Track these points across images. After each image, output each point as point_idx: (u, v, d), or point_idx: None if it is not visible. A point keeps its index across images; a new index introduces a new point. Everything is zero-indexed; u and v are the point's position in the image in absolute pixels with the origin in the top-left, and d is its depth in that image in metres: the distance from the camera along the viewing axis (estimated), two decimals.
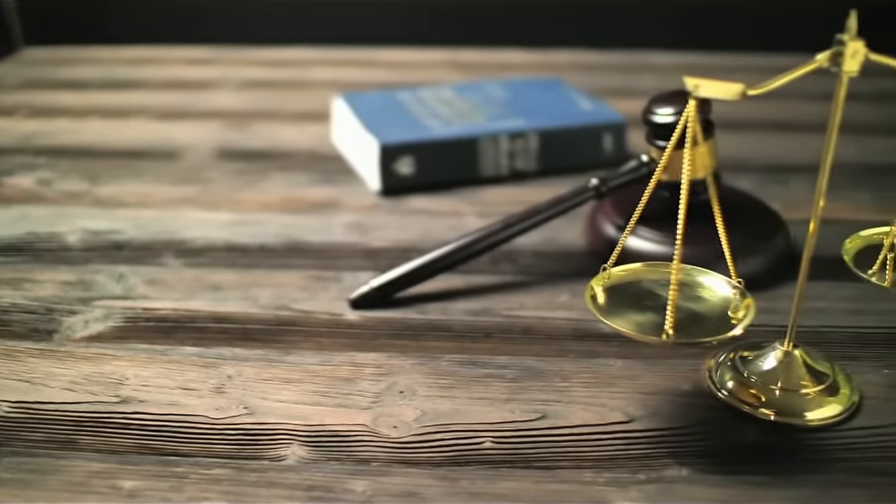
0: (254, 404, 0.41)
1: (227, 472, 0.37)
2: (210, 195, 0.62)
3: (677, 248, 0.37)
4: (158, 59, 0.95)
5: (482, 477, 0.37)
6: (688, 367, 0.44)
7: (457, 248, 0.50)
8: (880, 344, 0.46)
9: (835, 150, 0.39)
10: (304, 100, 0.81)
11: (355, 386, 0.43)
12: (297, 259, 0.54)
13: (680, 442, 0.39)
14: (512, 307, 0.49)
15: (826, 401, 0.42)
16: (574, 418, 0.41)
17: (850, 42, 0.36)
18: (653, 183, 0.39)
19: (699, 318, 0.39)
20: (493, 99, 0.70)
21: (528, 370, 0.44)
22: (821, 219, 0.41)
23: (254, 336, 0.46)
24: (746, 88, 0.37)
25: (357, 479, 0.37)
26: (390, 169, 0.61)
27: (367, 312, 0.48)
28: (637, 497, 0.36)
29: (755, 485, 0.37)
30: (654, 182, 0.39)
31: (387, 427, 0.40)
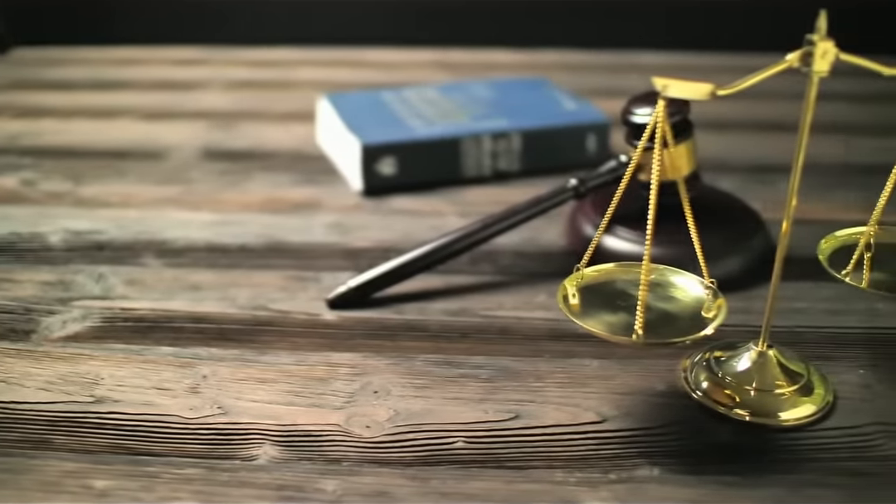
0: (227, 404, 0.41)
1: (198, 472, 0.37)
2: (193, 195, 0.62)
3: (647, 249, 0.37)
4: (147, 59, 0.94)
5: (453, 477, 0.37)
6: (663, 368, 0.44)
7: (435, 249, 0.50)
8: (857, 344, 0.46)
9: (806, 150, 0.39)
10: (291, 100, 0.81)
11: (329, 386, 0.43)
12: (276, 259, 0.54)
13: (652, 442, 0.39)
14: (490, 307, 0.49)
15: (800, 401, 0.42)
16: (547, 418, 0.41)
17: (820, 42, 0.36)
18: (624, 183, 0.39)
19: (671, 318, 0.39)
20: (477, 99, 0.70)
21: (503, 370, 0.44)
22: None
23: (230, 336, 0.46)
24: (716, 88, 0.37)
25: (328, 479, 0.37)
26: (372, 169, 0.61)
27: (344, 312, 0.48)
28: (607, 497, 0.36)
29: (726, 485, 0.37)
30: (625, 182, 0.39)
31: (359, 427, 0.40)
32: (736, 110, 0.80)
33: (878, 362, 0.45)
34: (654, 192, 0.37)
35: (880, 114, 0.81)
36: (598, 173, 0.53)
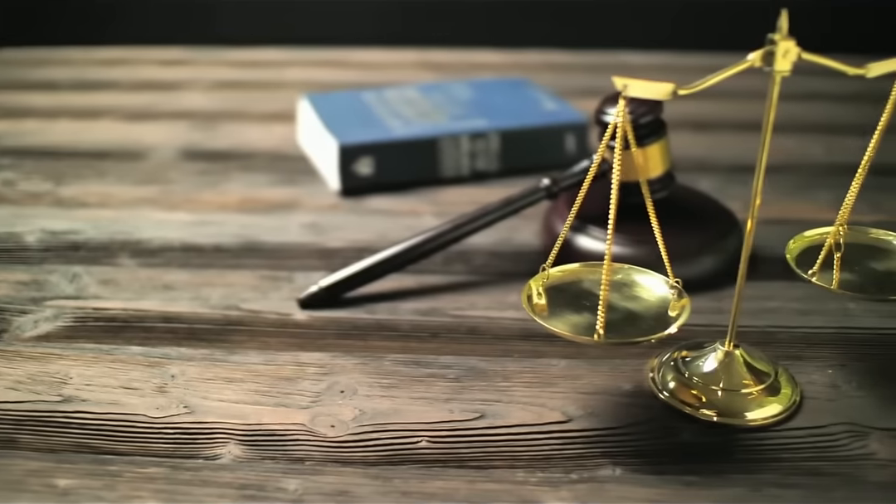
0: (194, 403, 0.41)
1: (161, 471, 0.37)
2: (170, 195, 0.62)
3: (608, 248, 0.37)
4: (132, 59, 0.95)
5: (415, 476, 0.37)
6: (631, 368, 0.44)
7: (406, 249, 0.50)
8: (827, 344, 0.46)
9: (769, 150, 0.39)
10: (274, 100, 0.81)
11: (296, 385, 0.43)
12: (251, 259, 0.54)
13: (616, 442, 0.39)
14: (461, 307, 0.49)
15: (767, 401, 0.42)
16: (512, 418, 0.41)
17: (782, 41, 0.36)
18: (586, 184, 0.39)
19: (635, 317, 0.39)
20: (456, 99, 0.70)
21: (471, 370, 0.44)
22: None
23: (201, 336, 0.46)
24: (678, 88, 0.37)
25: (290, 478, 0.37)
26: (350, 169, 0.61)
27: (316, 312, 0.49)
28: (567, 497, 0.36)
29: (686, 484, 0.37)
30: (587, 184, 0.38)
31: (324, 426, 0.40)
32: (718, 110, 0.81)
33: (847, 362, 0.45)
34: (614, 193, 0.36)
35: (864, 113, 0.81)
36: (570, 173, 0.53)
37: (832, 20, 1.04)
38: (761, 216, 0.62)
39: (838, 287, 0.41)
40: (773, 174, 0.67)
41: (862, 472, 0.38)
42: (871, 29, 1.01)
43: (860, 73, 0.39)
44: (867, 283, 0.41)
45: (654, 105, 0.52)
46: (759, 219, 0.61)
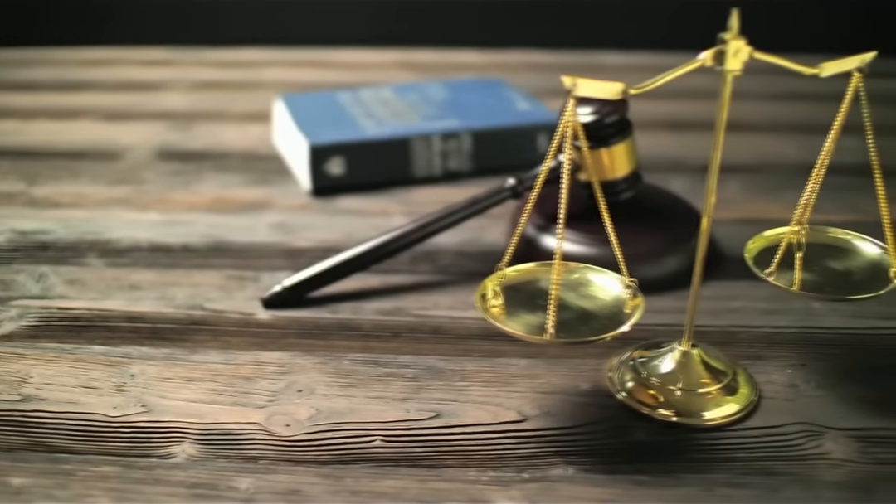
0: (151, 402, 0.41)
1: (114, 470, 0.37)
2: (142, 196, 0.62)
3: (558, 248, 0.37)
4: (113, 60, 0.95)
5: (367, 475, 0.37)
6: (590, 368, 0.44)
7: (370, 249, 0.50)
8: (789, 344, 0.46)
9: (723, 148, 0.39)
10: (252, 101, 0.81)
11: (254, 385, 0.43)
12: (218, 259, 0.54)
13: (570, 441, 0.39)
14: (425, 307, 0.49)
15: (724, 400, 0.42)
16: (467, 417, 0.41)
17: (732, 41, 0.36)
18: (538, 185, 0.38)
19: (589, 316, 0.39)
20: (431, 99, 0.70)
21: (430, 369, 0.44)
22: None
23: (163, 335, 0.47)
24: (628, 87, 0.37)
25: (242, 477, 0.37)
26: (321, 169, 0.61)
27: (279, 312, 0.48)
28: (517, 496, 0.36)
29: (638, 484, 0.37)
30: (539, 184, 0.38)
31: (279, 426, 0.40)
32: (694, 110, 0.80)
33: (808, 362, 0.45)
34: (564, 193, 0.36)
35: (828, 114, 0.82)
36: (536, 173, 0.53)
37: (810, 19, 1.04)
38: (731, 216, 0.62)
39: (796, 287, 0.41)
40: (746, 174, 0.67)
41: (815, 471, 0.38)
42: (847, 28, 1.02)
43: (814, 73, 0.39)
44: (825, 283, 0.41)
45: (619, 104, 0.52)
46: (729, 219, 0.62)
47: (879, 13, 1.02)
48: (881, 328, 0.48)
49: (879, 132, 0.73)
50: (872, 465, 0.38)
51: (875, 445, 0.39)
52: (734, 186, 0.65)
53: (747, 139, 0.74)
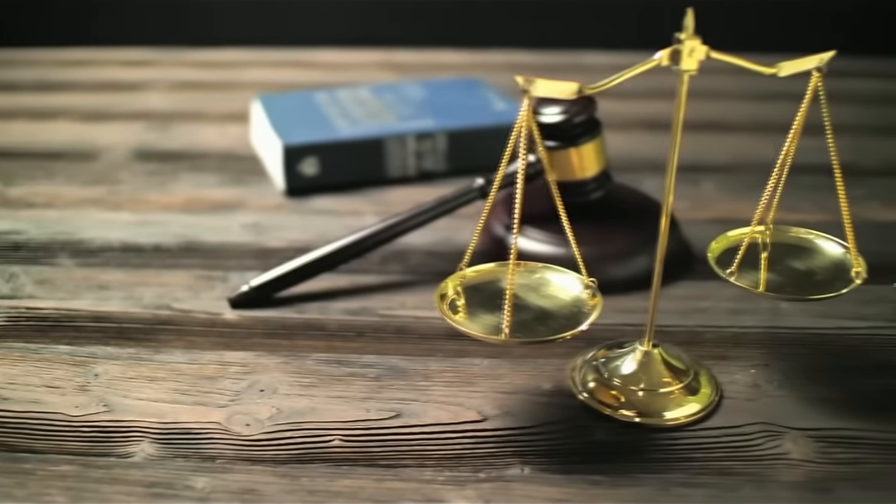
0: (113, 402, 0.41)
1: (73, 469, 0.37)
2: (117, 196, 0.62)
3: (513, 247, 0.37)
4: (94, 60, 0.95)
5: (323, 475, 0.37)
6: (553, 368, 0.44)
7: (338, 249, 0.50)
8: (754, 343, 0.46)
9: (680, 149, 0.39)
10: (232, 101, 0.81)
11: (217, 384, 0.43)
12: (188, 259, 0.54)
13: (528, 441, 0.39)
14: (391, 307, 0.49)
15: (686, 400, 0.42)
16: (427, 417, 0.41)
17: (687, 40, 0.37)
18: (496, 185, 0.38)
19: (548, 316, 0.39)
20: (407, 99, 0.70)
21: (392, 369, 0.44)
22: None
23: (129, 335, 0.47)
24: (583, 87, 0.37)
25: (199, 476, 0.37)
26: (295, 169, 0.61)
27: (246, 312, 0.48)
28: (472, 496, 0.36)
29: (593, 484, 0.37)
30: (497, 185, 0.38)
31: (239, 425, 0.40)
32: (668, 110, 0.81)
33: (771, 362, 0.45)
34: (519, 193, 0.36)
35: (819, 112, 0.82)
36: (505, 173, 0.54)
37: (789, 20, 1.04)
38: (706, 216, 0.62)
39: (760, 287, 0.41)
40: (722, 174, 0.67)
41: (773, 471, 0.38)
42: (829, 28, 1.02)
43: (773, 73, 0.39)
44: (788, 283, 0.41)
45: (587, 104, 0.52)
46: (703, 219, 0.62)
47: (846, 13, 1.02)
48: (848, 328, 0.48)
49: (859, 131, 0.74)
50: (831, 465, 0.38)
51: (834, 446, 0.39)
52: (710, 186, 0.65)
53: (725, 139, 0.74)
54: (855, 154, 0.72)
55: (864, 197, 0.64)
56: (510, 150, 0.38)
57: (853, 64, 0.95)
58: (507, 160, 0.38)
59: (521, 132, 0.36)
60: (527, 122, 0.36)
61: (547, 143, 0.53)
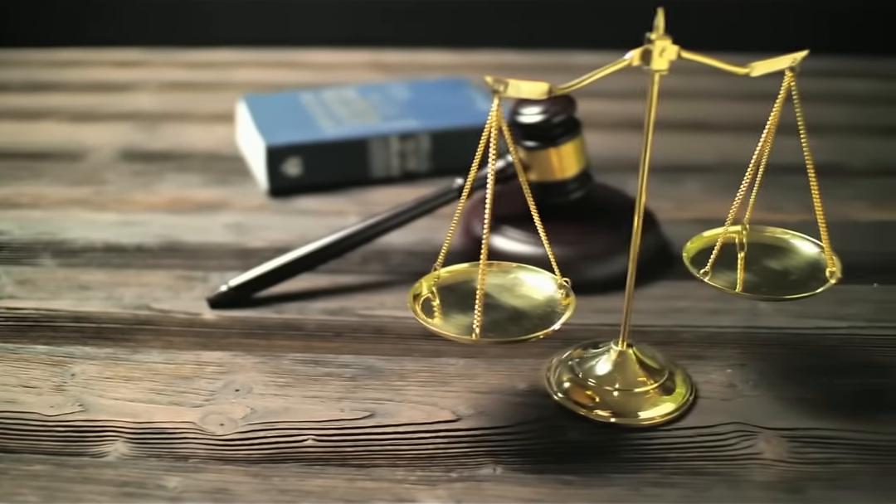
0: (89, 402, 0.42)
1: (46, 469, 0.38)
2: (101, 196, 0.62)
3: (484, 248, 0.36)
4: (86, 61, 0.94)
5: (295, 474, 0.37)
6: (529, 367, 0.44)
7: (316, 250, 0.50)
8: (731, 343, 0.46)
9: (651, 149, 0.39)
10: (220, 101, 0.81)
11: (193, 384, 0.43)
12: (169, 259, 0.54)
13: (501, 441, 0.39)
14: (370, 306, 0.49)
15: (660, 400, 0.42)
16: (401, 417, 0.41)
17: (658, 40, 0.36)
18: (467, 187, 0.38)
19: (521, 316, 0.39)
20: (392, 100, 0.70)
21: (369, 369, 0.44)
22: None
23: (107, 335, 0.47)
24: (553, 87, 0.37)
25: (171, 476, 0.37)
26: (278, 170, 0.61)
27: (225, 312, 0.49)
28: (443, 496, 0.36)
29: (565, 484, 0.37)
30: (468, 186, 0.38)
31: (214, 425, 0.40)
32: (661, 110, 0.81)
33: (748, 362, 0.45)
34: (490, 194, 0.36)
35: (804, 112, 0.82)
36: (483, 173, 0.53)
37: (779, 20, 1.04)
38: (689, 216, 0.62)
39: (732, 287, 0.41)
40: (705, 173, 0.67)
41: (745, 471, 0.38)
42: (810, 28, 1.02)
43: (745, 73, 0.39)
44: (762, 283, 0.41)
45: (567, 104, 0.52)
46: (686, 218, 0.62)
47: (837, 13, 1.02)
48: (826, 328, 0.48)
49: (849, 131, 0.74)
50: (803, 465, 0.38)
51: (808, 445, 0.39)
52: (694, 186, 0.65)
53: (710, 139, 0.74)
54: (844, 154, 0.72)
55: (852, 197, 0.64)
56: (481, 151, 0.38)
57: (846, 64, 0.95)
58: (479, 161, 0.38)
59: (492, 133, 0.37)
60: (497, 122, 0.37)
61: (527, 143, 0.53)
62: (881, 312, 0.49)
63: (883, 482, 0.37)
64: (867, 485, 0.37)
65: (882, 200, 0.63)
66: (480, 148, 0.37)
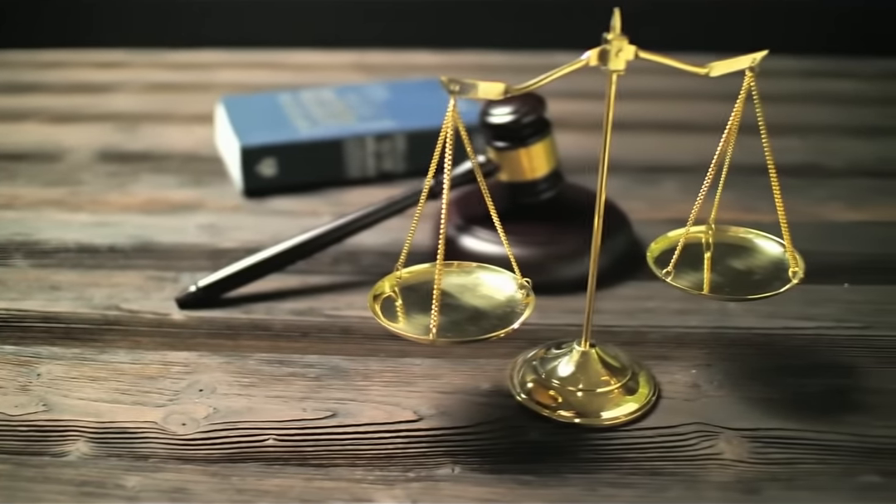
0: (53, 401, 0.42)
1: (7, 468, 0.38)
2: (77, 197, 0.62)
3: (440, 248, 0.36)
4: (69, 62, 0.94)
5: (254, 474, 0.37)
6: (494, 368, 0.44)
7: (285, 250, 0.50)
8: (698, 344, 0.46)
9: (610, 149, 0.39)
10: (201, 102, 0.81)
11: (157, 384, 0.43)
12: (141, 260, 0.54)
13: (461, 441, 0.39)
14: (338, 307, 0.49)
15: (623, 400, 0.42)
16: (363, 417, 0.41)
17: (615, 40, 0.37)
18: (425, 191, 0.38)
19: (480, 316, 0.39)
20: (370, 100, 0.70)
21: (333, 369, 0.44)
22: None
23: (75, 335, 0.47)
24: (508, 87, 0.37)
25: (131, 475, 0.37)
26: (253, 170, 0.61)
27: (194, 312, 0.49)
28: (400, 495, 0.36)
29: (522, 484, 0.37)
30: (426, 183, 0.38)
31: (176, 424, 0.40)
32: (638, 110, 0.80)
33: (713, 362, 0.45)
34: (445, 195, 0.36)
35: (783, 112, 0.80)
36: (455, 174, 0.53)
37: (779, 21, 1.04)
38: (664, 216, 0.62)
39: (695, 286, 0.41)
40: (683, 174, 0.67)
41: (704, 472, 0.38)
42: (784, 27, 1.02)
43: (704, 73, 0.39)
44: (726, 283, 0.41)
45: (536, 104, 0.52)
46: (661, 219, 0.62)
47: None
48: (795, 328, 0.48)
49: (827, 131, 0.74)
50: (762, 465, 0.38)
51: (768, 446, 0.39)
52: (670, 186, 0.65)
53: (689, 139, 0.74)
54: (822, 155, 0.72)
55: (828, 197, 0.64)
56: (438, 151, 0.38)
57: (828, 64, 0.95)
58: (437, 162, 0.38)
59: (448, 133, 0.37)
60: (453, 122, 0.37)
61: (497, 143, 0.53)
62: (850, 313, 0.49)
63: (842, 482, 0.37)
64: (826, 485, 0.37)
65: (857, 201, 0.63)
66: (438, 148, 0.37)
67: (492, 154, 0.53)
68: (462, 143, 0.38)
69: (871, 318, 0.49)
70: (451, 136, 0.37)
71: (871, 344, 0.47)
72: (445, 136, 0.36)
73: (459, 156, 0.66)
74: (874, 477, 0.37)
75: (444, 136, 0.36)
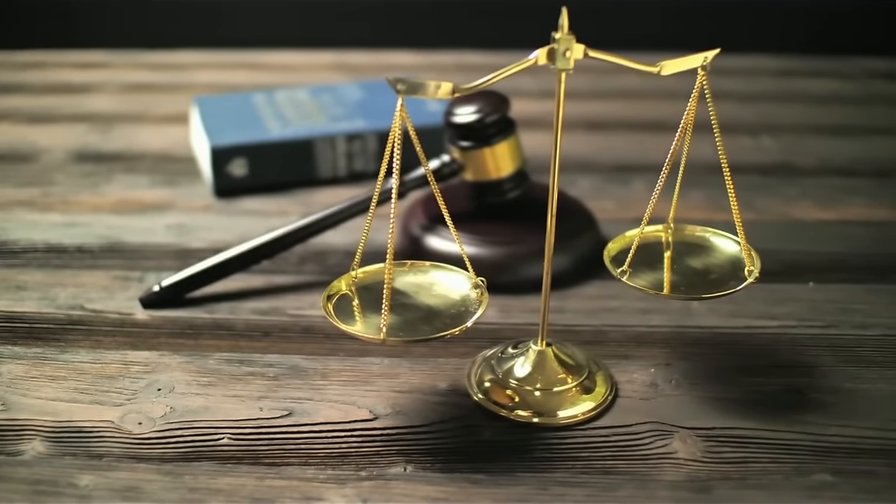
0: (11, 401, 0.42)
1: None
2: (48, 198, 0.62)
3: (389, 247, 0.37)
4: (47, 63, 0.94)
5: (207, 473, 0.37)
6: (452, 367, 0.44)
7: (248, 250, 0.50)
8: (659, 343, 0.47)
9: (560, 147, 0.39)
10: (178, 103, 0.81)
11: (116, 383, 0.43)
12: (108, 259, 0.54)
13: (415, 440, 0.40)
14: (301, 306, 0.50)
15: (580, 399, 0.42)
16: (319, 416, 0.41)
17: (563, 39, 0.37)
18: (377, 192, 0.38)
19: (434, 315, 0.39)
20: (343, 100, 0.70)
21: (292, 369, 0.44)
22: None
23: (38, 335, 0.47)
24: (456, 87, 0.37)
25: (84, 474, 0.37)
26: (223, 170, 0.61)
27: (158, 312, 0.49)
28: (350, 494, 0.36)
29: (473, 483, 0.37)
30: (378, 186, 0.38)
31: (132, 424, 0.40)
32: (611, 110, 0.80)
33: (673, 361, 0.45)
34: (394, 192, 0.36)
35: (761, 112, 0.80)
36: (419, 174, 0.53)
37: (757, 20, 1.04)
38: (632, 215, 0.62)
39: (651, 286, 0.41)
40: (654, 174, 0.66)
41: (656, 471, 0.38)
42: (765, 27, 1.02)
43: (655, 71, 0.39)
44: (681, 282, 0.41)
45: (499, 103, 0.52)
46: (629, 218, 0.62)
47: None
48: (757, 327, 0.48)
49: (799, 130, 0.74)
50: (715, 464, 0.38)
51: (722, 445, 0.39)
52: (641, 186, 0.65)
53: (663, 139, 0.73)
54: (792, 154, 0.72)
55: (797, 196, 0.64)
56: (388, 151, 0.38)
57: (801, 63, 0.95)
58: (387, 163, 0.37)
59: (396, 133, 0.37)
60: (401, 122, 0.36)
61: (461, 143, 0.53)
62: (812, 312, 0.49)
63: (794, 481, 0.37)
64: (777, 484, 0.37)
65: (826, 200, 0.63)
66: (388, 148, 0.37)
67: (456, 153, 0.53)
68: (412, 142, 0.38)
69: (833, 317, 0.49)
70: (399, 136, 0.37)
71: (833, 343, 0.47)
72: (395, 137, 0.36)
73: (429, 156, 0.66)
74: (826, 476, 0.37)
75: (393, 137, 0.36)
